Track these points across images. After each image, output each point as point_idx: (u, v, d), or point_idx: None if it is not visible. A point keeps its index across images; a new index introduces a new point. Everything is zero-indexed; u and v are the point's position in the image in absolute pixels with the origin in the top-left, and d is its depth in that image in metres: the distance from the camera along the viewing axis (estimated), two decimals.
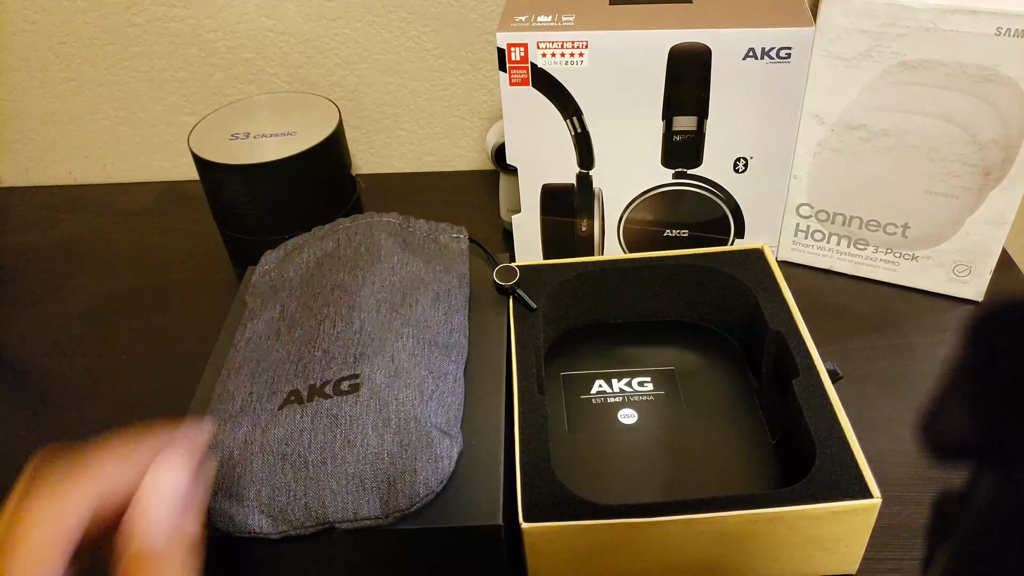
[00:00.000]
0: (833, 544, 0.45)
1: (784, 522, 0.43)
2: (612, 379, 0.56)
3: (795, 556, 0.45)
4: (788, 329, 0.53)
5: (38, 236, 0.83)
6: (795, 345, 0.52)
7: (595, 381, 0.56)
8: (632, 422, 0.53)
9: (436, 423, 0.46)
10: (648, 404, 0.54)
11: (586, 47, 0.57)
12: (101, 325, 0.71)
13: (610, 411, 0.54)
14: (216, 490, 0.44)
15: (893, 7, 0.56)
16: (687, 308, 0.61)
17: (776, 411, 0.53)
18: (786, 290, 0.56)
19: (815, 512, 0.43)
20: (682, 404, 0.54)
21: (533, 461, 0.46)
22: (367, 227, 0.57)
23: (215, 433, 0.46)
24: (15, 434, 0.62)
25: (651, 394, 0.55)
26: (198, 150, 0.67)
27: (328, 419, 0.45)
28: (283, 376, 0.48)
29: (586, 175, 0.63)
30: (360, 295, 0.51)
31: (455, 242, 0.59)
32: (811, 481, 0.44)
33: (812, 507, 0.43)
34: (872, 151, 0.62)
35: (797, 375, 0.50)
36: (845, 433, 0.46)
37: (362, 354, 0.48)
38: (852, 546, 0.45)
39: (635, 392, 0.55)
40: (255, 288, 0.57)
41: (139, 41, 0.82)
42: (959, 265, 0.65)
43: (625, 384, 0.56)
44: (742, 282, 0.57)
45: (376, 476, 0.43)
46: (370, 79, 0.83)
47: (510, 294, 0.57)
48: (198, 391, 0.53)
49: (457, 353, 0.52)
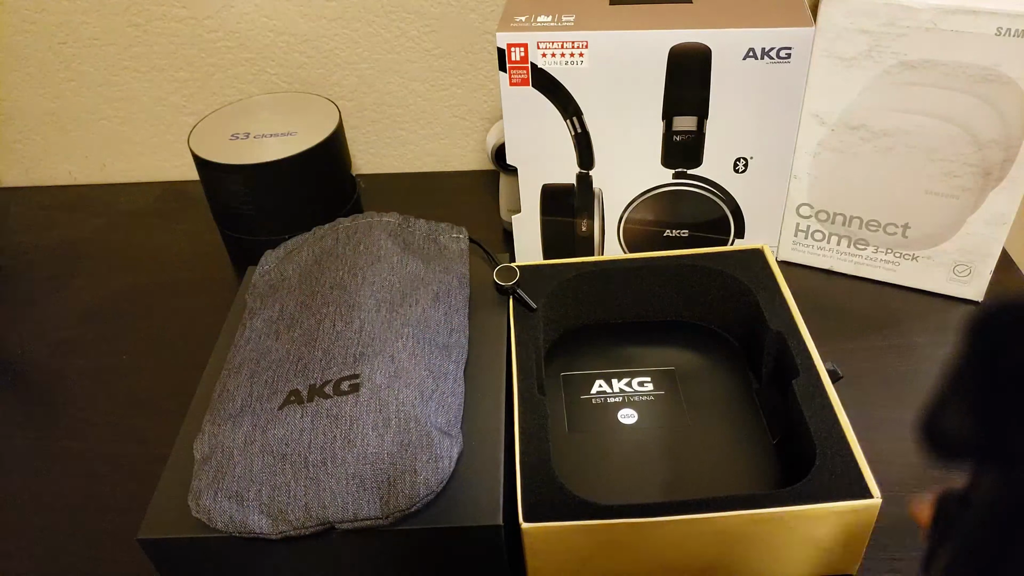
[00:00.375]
0: (833, 544, 0.45)
1: (783, 522, 0.43)
2: (612, 379, 0.56)
3: (795, 556, 0.45)
4: (788, 329, 0.53)
5: (38, 236, 0.83)
6: (795, 345, 0.52)
7: (595, 381, 0.56)
8: (632, 422, 0.53)
9: (436, 423, 0.46)
10: (648, 404, 0.54)
11: (586, 47, 0.57)
12: (101, 325, 0.71)
13: (610, 411, 0.54)
14: (216, 490, 0.44)
15: (893, 7, 0.56)
16: (687, 308, 0.61)
17: (776, 411, 0.53)
18: (786, 290, 0.56)
19: (815, 512, 0.43)
20: (682, 404, 0.54)
21: (533, 462, 0.46)
22: (367, 227, 0.57)
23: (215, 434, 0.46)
24: (15, 434, 0.62)
25: (651, 394, 0.55)
26: (198, 150, 0.67)
27: (328, 419, 0.45)
28: (283, 376, 0.48)
29: (586, 175, 0.63)
30: (360, 295, 0.51)
31: (455, 242, 0.59)
32: (811, 481, 0.44)
33: (812, 507, 0.43)
34: (872, 151, 0.62)
35: (797, 375, 0.50)
36: (845, 433, 0.46)
37: (362, 354, 0.48)
38: (852, 546, 0.45)
39: (635, 392, 0.55)
40: (255, 288, 0.57)
41: (139, 41, 0.82)
42: (959, 265, 0.65)
43: (625, 384, 0.56)
44: (742, 282, 0.57)
45: (376, 476, 0.43)
46: (370, 79, 0.83)
47: (510, 294, 0.57)
48: (198, 391, 0.53)
49: (457, 353, 0.52)
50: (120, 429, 0.61)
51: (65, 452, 0.60)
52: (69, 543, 0.54)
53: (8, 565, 0.53)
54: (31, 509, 0.56)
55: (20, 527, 0.55)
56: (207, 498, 0.44)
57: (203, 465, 0.45)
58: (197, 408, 0.51)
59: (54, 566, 0.53)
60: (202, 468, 0.45)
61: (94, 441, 0.61)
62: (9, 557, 0.53)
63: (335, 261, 0.55)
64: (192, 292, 0.73)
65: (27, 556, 0.53)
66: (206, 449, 0.46)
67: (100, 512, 0.56)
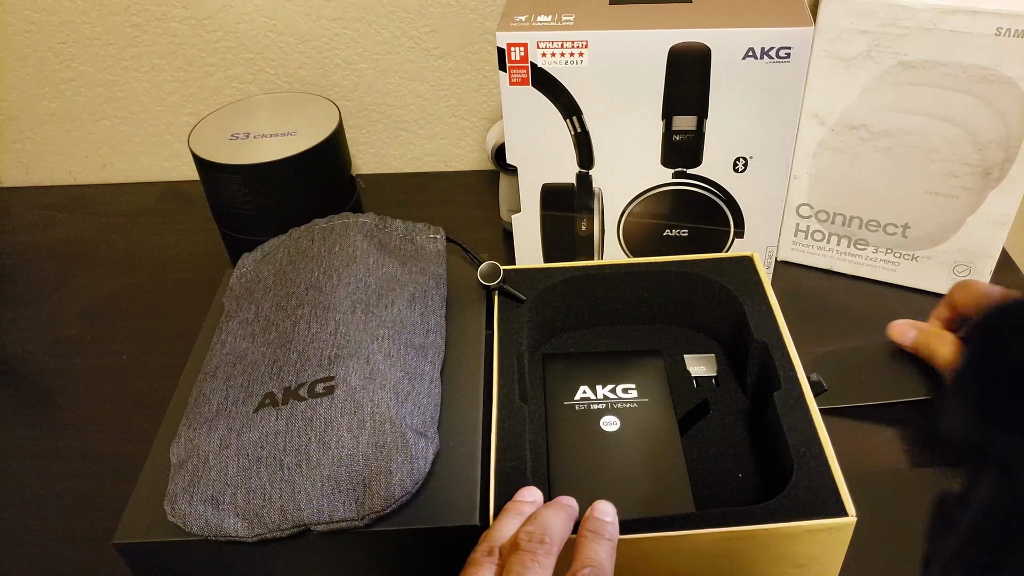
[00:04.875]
0: (808, 561, 0.44)
1: (758, 539, 0.43)
2: (596, 385, 0.55)
3: (769, 573, 0.45)
4: (773, 340, 0.52)
5: (38, 236, 0.83)
6: (779, 356, 0.51)
7: (579, 387, 0.55)
8: (614, 429, 0.52)
9: (411, 424, 0.46)
10: (631, 412, 0.53)
11: (586, 47, 0.57)
12: (101, 325, 0.71)
13: (592, 418, 0.52)
14: (192, 494, 0.44)
15: (893, 7, 0.56)
16: (674, 315, 0.60)
17: (758, 423, 0.52)
18: (773, 300, 0.56)
19: (789, 530, 0.42)
20: (666, 413, 0.53)
21: (509, 468, 0.46)
22: (343, 228, 0.57)
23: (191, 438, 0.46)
24: (15, 434, 0.62)
25: (635, 401, 0.53)
26: (198, 150, 0.67)
27: (303, 421, 0.45)
28: (258, 379, 0.48)
29: (586, 175, 0.63)
30: (335, 296, 0.51)
31: (432, 243, 0.59)
32: (786, 497, 0.43)
33: (786, 525, 0.42)
34: (872, 151, 0.62)
35: (779, 387, 0.49)
36: (824, 449, 0.46)
37: (337, 356, 0.48)
38: (827, 564, 0.45)
39: (619, 399, 0.54)
40: (231, 290, 0.57)
41: (139, 41, 0.82)
42: (959, 265, 0.65)
43: (609, 391, 0.54)
44: (729, 290, 0.57)
45: (351, 478, 0.43)
46: (370, 79, 0.83)
47: (496, 291, 0.57)
48: (175, 395, 0.53)
49: (433, 354, 0.52)
50: (120, 429, 0.61)
51: (65, 452, 0.60)
52: (69, 543, 0.54)
53: (8, 565, 0.53)
54: (31, 509, 0.56)
55: (20, 527, 0.55)
56: (183, 502, 0.43)
57: (179, 469, 0.45)
58: (174, 412, 0.51)
59: (54, 566, 0.53)
60: (178, 472, 0.45)
61: (94, 441, 0.61)
62: (9, 557, 0.53)
63: (310, 262, 0.55)
64: (192, 292, 0.73)
65: (26, 556, 0.53)
66: (182, 453, 0.46)
67: (100, 512, 0.56)
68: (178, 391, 0.53)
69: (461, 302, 0.58)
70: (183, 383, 0.53)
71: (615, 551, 0.40)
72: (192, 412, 0.48)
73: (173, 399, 0.52)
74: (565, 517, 0.41)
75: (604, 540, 0.40)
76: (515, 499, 0.43)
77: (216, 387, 0.49)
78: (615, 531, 0.41)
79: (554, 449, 0.51)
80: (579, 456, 0.50)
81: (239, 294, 0.57)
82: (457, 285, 0.59)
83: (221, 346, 0.52)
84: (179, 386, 0.53)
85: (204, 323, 0.58)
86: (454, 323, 0.56)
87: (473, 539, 0.41)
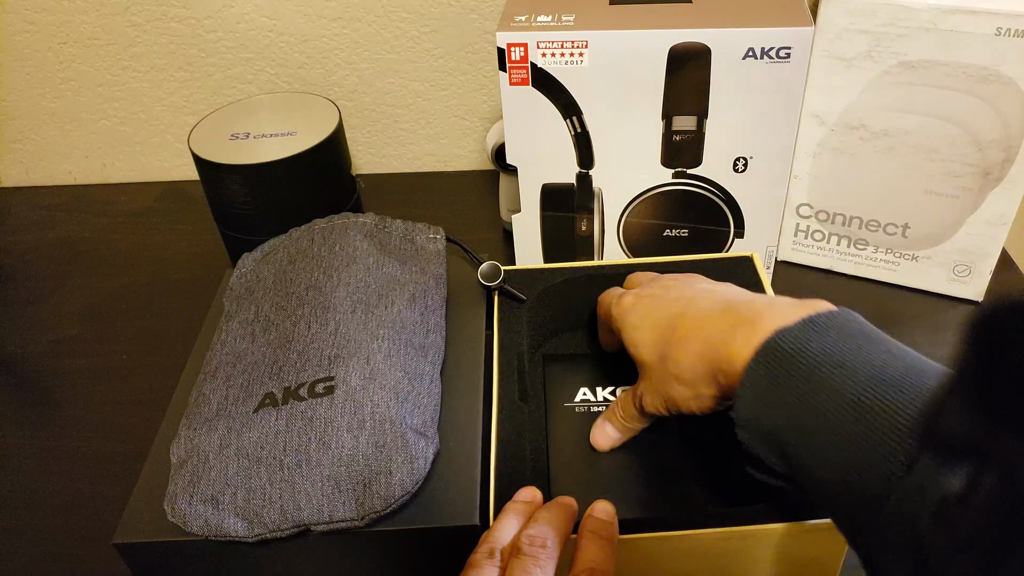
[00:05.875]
0: (808, 561, 0.44)
1: (757, 539, 0.43)
2: (596, 387, 0.55)
3: (769, 573, 0.44)
4: None
5: (38, 236, 0.83)
6: None
7: (579, 389, 0.55)
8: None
9: (411, 424, 0.46)
10: None
11: (586, 47, 0.57)
12: (101, 325, 0.71)
13: (592, 420, 0.52)
14: (192, 494, 0.44)
15: (893, 7, 0.56)
16: None
17: None
18: None
19: (789, 530, 0.42)
20: None
21: (509, 469, 0.46)
22: (342, 228, 0.57)
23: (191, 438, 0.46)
24: (15, 434, 0.62)
25: None
26: (198, 150, 0.67)
27: (303, 421, 0.45)
28: (258, 379, 0.48)
29: (586, 175, 0.63)
30: (335, 296, 0.51)
31: (432, 243, 0.59)
32: (784, 497, 0.43)
33: (786, 525, 0.42)
34: (872, 151, 0.62)
35: None
36: None
37: (337, 356, 0.48)
38: (827, 564, 0.45)
39: None
40: (231, 290, 0.57)
41: (139, 41, 0.82)
42: (959, 265, 0.65)
43: (609, 393, 0.54)
44: None
45: (351, 478, 0.43)
46: (370, 79, 0.83)
47: (496, 291, 0.57)
48: (175, 395, 0.53)
49: (434, 354, 0.52)
50: (120, 429, 0.61)
51: (65, 452, 0.60)
52: (69, 543, 0.54)
53: (8, 565, 0.53)
54: (31, 509, 0.56)
55: (20, 527, 0.55)
56: (183, 502, 0.44)
57: (179, 469, 0.45)
58: (174, 412, 0.51)
59: (54, 566, 0.53)
60: (178, 472, 0.45)
61: (94, 440, 0.61)
62: (9, 557, 0.53)
63: (310, 262, 0.55)
64: (192, 292, 0.73)
65: (25, 556, 0.53)
66: (182, 453, 0.46)
67: (100, 512, 0.56)
68: (178, 391, 0.53)
69: (461, 302, 0.58)
70: (183, 383, 0.53)
71: (615, 552, 0.40)
72: (192, 412, 0.48)
73: (173, 399, 0.52)
74: (565, 518, 0.41)
75: (604, 541, 0.40)
76: (515, 499, 0.43)
77: (216, 387, 0.49)
78: (615, 531, 0.41)
79: (554, 450, 0.51)
80: (579, 456, 0.50)
81: (239, 294, 0.57)
82: (457, 285, 0.59)
83: (221, 346, 0.52)
84: (179, 386, 0.53)
85: (204, 323, 0.58)
86: (454, 323, 0.56)
87: (473, 539, 0.41)
